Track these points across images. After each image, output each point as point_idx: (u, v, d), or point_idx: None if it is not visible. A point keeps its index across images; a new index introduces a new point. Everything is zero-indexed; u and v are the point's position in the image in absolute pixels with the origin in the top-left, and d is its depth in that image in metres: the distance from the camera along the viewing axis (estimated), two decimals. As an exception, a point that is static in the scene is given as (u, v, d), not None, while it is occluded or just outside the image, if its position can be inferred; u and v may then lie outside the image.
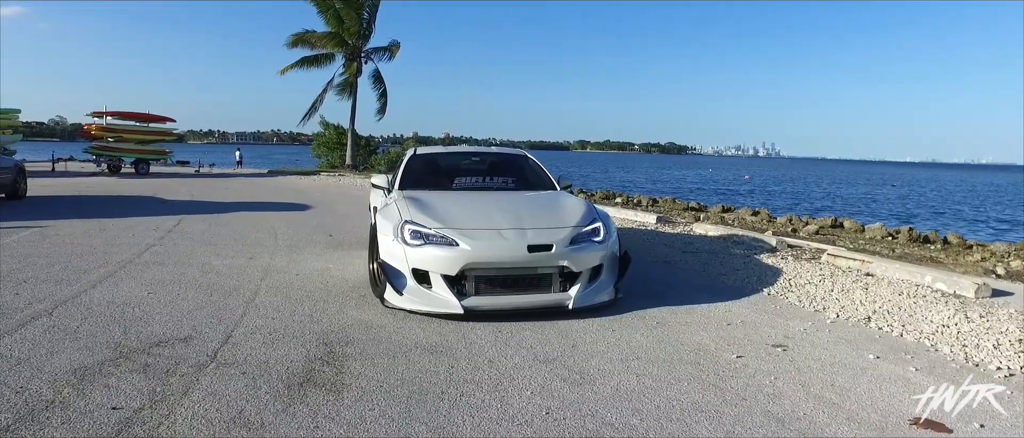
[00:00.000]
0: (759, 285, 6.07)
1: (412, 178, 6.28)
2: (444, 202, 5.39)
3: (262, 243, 7.91)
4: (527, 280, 4.73)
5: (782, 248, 8.35)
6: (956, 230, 19.34)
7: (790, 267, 6.95)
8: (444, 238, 4.67)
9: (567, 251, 4.71)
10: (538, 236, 4.74)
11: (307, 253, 7.30)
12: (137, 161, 23.40)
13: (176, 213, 10.84)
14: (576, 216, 5.16)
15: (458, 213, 5.09)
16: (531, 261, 4.62)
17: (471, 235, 4.68)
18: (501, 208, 5.27)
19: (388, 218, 5.07)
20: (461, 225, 4.82)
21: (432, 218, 4.89)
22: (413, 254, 4.65)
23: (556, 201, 5.75)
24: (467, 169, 6.69)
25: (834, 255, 7.41)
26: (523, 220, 4.95)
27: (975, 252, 13.15)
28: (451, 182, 6.26)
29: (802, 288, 5.94)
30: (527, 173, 6.70)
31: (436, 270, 4.59)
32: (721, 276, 6.50)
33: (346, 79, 29.76)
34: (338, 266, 6.56)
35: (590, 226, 5.06)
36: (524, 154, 7.06)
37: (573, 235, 4.86)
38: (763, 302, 5.43)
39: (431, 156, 6.90)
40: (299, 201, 14.28)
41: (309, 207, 13.01)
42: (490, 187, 6.28)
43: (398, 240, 4.75)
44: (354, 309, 4.84)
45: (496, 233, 4.74)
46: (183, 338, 3.98)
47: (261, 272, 6.13)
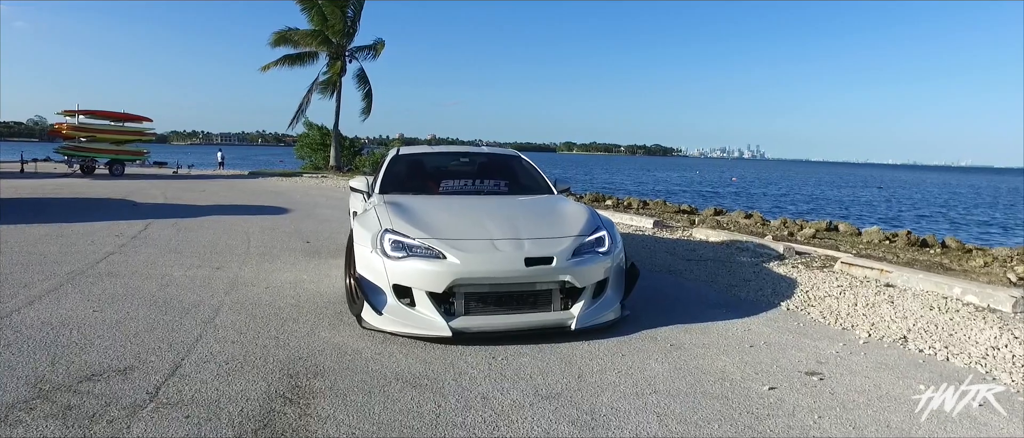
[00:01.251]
0: (775, 298, 5.55)
1: (394, 181, 5.70)
2: (430, 208, 4.83)
3: (233, 251, 7.28)
4: (524, 297, 4.17)
5: (790, 255, 7.86)
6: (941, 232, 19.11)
7: (804, 277, 6.45)
8: (429, 250, 4.11)
9: (569, 264, 4.16)
10: (536, 247, 4.18)
11: (280, 262, 6.70)
12: (111, 162, 22.53)
13: (145, 217, 10.16)
14: (578, 224, 4.61)
15: (446, 221, 4.52)
16: (529, 276, 4.06)
17: (460, 246, 4.11)
18: (494, 215, 4.71)
19: (366, 226, 4.49)
20: (449, 235, 4.25)
21: (416, 227, 4.32)
22: (394, 268, 4.08)
23: (555, 207, 5.20)
24: (455, 171, 6.12)
25: (848, 263, 6.92)
26: (519, 229, 4.40)
27: (976, 256, 12.80)
28: (438, 186, 5.69)
29: (822, 301, 5.44)
30: (521, 175, 6.14)
31: (420, 286, 4.02)
32: (732, 288, 5.98)
33: (330, 78, 29.05)
34: (313, 278, 5.96)
35: (594, 235, 4.52)
36: (517, 155, 6.50)
37: (576, 246, 4.31)
38: (784, 319, 4.92)
39: (416, 157, 6.32)
40: (278, 204, 13.62)
41: (288, 211, 12.37)
42: (481, 191, 5.72)
43: (377, 252, 4.18)
44: (327, 330, 4.25)
45: (489, 244, 4.18)
46: (122, 369, 3.38)
47: (227, 285, 5.52)
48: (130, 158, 23.64)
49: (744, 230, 13.14)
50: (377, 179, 5.71)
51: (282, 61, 28.49)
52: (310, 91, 29.53)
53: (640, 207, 19.15)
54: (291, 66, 28.78)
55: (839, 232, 16.10)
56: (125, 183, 18.95)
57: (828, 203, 34.44)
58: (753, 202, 31.99)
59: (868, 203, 35.26)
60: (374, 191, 5.53)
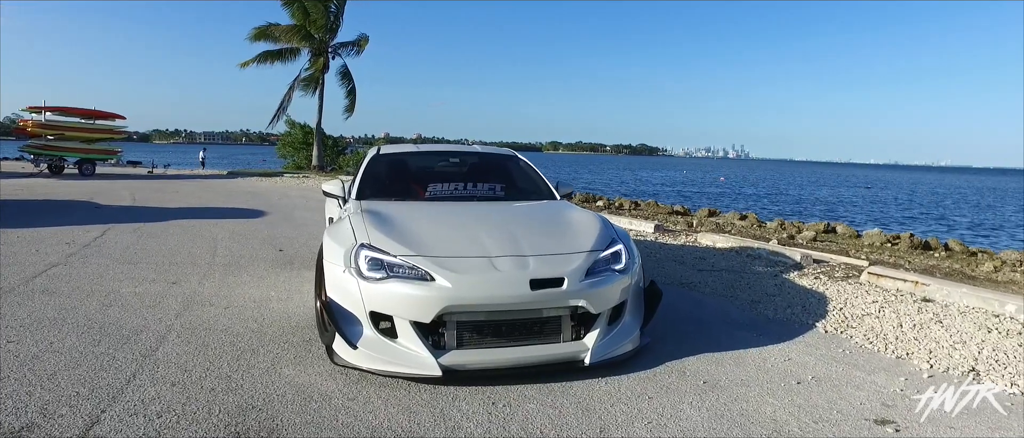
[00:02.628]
0: (808, 317, 4.90)
1: (374, 185, 4.97)
2: (415, 218, 4.12)
3: (195, 261, 6.52)
4: (528, 326, 3.47)
5: (808, 264, 7.23)
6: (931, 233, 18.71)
7: (831, 290, 5.81)
8: (414, 270, 3.40)
9: (583, 286, 3.47)
10: (544, 266, 3.48)
11: (247, 275, 5.95)
12: (81, 161, 21.47)
13: (105, 221, 9.34)
14: (590, 236, 3.92)
15: (434, 233, 3.82)
16: (535, 301, 3.36)
17: (452, 265, 3.41)
18: (490, 226, 4.01)
19: (338, 239, 3.77)
20: (438, 251, 3.54)
21: (398, 240, 3.61)
22: (371, 291, 3.37)
23: (561, 216, 4.50)
24: (444, 173, 5.40)
25: (876, 274, 6.30)
26: (521, 243, 3.69)
27: (983, 260, 12.35)
28: (424, 190, 4.97)
29: (862, 321, 4.79)
30: (518, 178, 5.43)
31: (403, 314, 3.32)
32: (756, 304, 5.32)
33: (312, 75, 28.13)
34: (283, 294, 5.22)
35: (609, 249, 3.83)
36: (513, 154, 5.77)
37: (589, 263, 3.62)
38: (825, 344, 4.26)
39: (398, 157, 5.58)
40: (254, 206, 12.81)
41: (264, 214, 11.57)
42: (473, 196, 4.99)
43: (351, 271, 3.46)
44: (291, 365, 3.53)
45: (486, 262, 3.47)
46: (15, 431, 2.64)
47: (181, 304, 4.77)
48: (101, 157, 22.59)
49: (745, 233, 12.60)
50: (354, 182, 4.99)
51: (262, 57, 27.53)
52: (292, 88, 28.60)
53: (632, 208, 18.54)
54: (272, 63, 27.82)
55: (837, 234, 15.62)
56: (94, 184, 17.99)
57: (818, 203, 34.09)
58: (743, 202, 31.54)
59: (858, 203, 34.96)
60: (350, 196, 4.80)
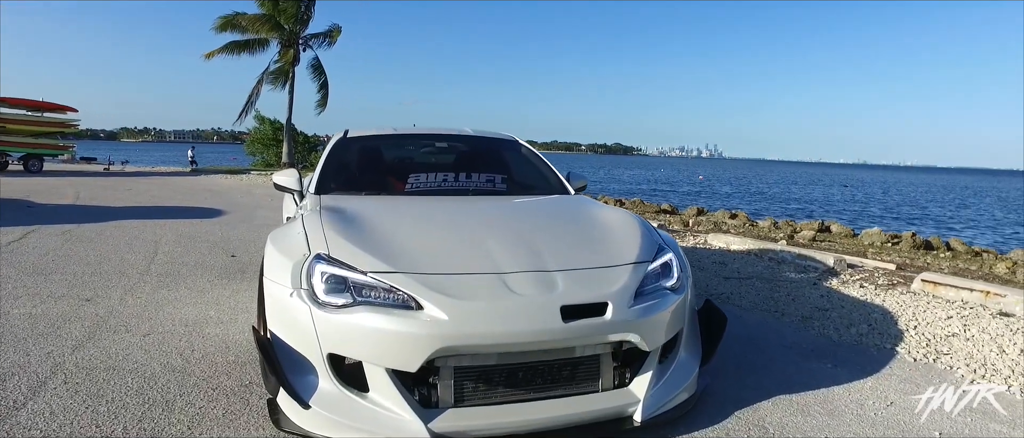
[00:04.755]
0: (882, 340, 3.96)
1: (339, 175, 3.89)
2: (394, 218, 3.06)
3: (125, 270, 5.38)
4: (555, 371, 2.45)
5: (842, 269, 6.34)
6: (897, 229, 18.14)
7: (888, 302, 4.90)
8: (394, 292, 2.35)
9: (633, 313, 2.45)
10: (578, 286, 2.46)
11: (185, 288, 4.84)
12: (27, 157, 19.91)
13: (33, 222, 8.09)
14: (631, 243, 2.90)
15: (421, 240, 2.76)
16: (568, 336, 2.34)
17: (448, 287, 2.36)
18: (498, 229, 2.97)
19: (285, 248, 2.69)
20: (428, 265, 2.49)
21: (370, 251, 2.54)
22: (331, 325, 2.31)
23: (586, 215, 3.46)
24: (429, 162, 4.35)
25: (932, 282, 5.41)
26: (542, 254, 2.65)
27: (993, 260, 11.75)
28: (404, 182, 3.87)
29: (949, 344, 3.87)
30: (522, 168, 4.38)
31: (378, 360, 2.27)
32: (810, 321, 4.37)
33: (282, 67, 26.76)
34: (224, 314, 4.14)
35: (658, 260, 2.82)
36: (514, 139, 4.70)
37: (637, 281, 2.60)
38: (924, 379, 3.31)
39: (371, 141, 4.46)
40: (212, 205, 11.62)
41: (221, 213, 10.41)
42: (467, 189, 3.91)
43: (301, 294, 2.40)
44: (218, 427, 2.47)
45: (496, 282, 2.43)
46: None
47: (86, 330, 3.66)
48: (51, 152, 21.02)
49: (744, 232, 11.84)
50: (314, 173, 3.90)
51: (228, 48, 26.07)
52: (260, 81, 27.18)
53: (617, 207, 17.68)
54: (239, 54, 26.38)
55: (832, 233, 14.99)
56: (37, 181, 16.52)
57: (799, 202, 33.64)
58: (721, 201, 30.84)
59: (839, 202, 34.61)
60: (308, 189, 3.73)
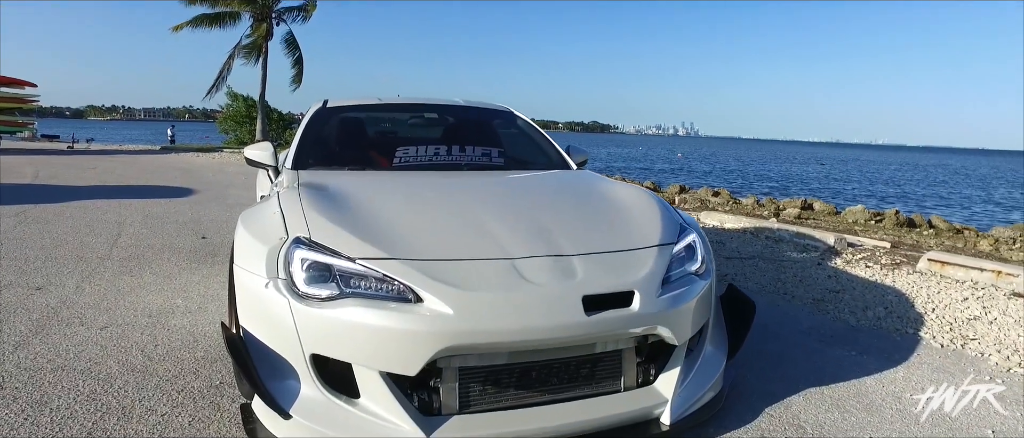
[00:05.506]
0: (902, 324, 3.74)
1: (319, 149, 3.52)
2: (383, 196, 2.70)
3: (83, 254, 4.95)
4: (573, 369, 2.15)
5: (843, 248, 6.14)
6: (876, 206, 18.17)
7: (899, 283, 4.70)
8: (387, 282, 2.02)
9: (661, 302, 2.15)
10: (600, 272, 2.15)
11: (151, 274, 4.44)
12: (-19, 134, 19.05)
13: (-14, 203, 7.57)
14: (652, 223, 2.58)
15: (416, 221, 2.41)
16: (591, 331, 2.03)
17: (452, 275, 2.03)
18: (502, 208, 2.64)
19: (259, 231, 2.34)
20: (427, 250, 2.16)
21: (359, 233, 2.20)
22: (314, 321, 1.97)
23: (597, 191, 3.12)
24: (417, 134, 3.99)
25: (938, 261, 5.22)
26: (554, 235, 2.33)
27: (974, 237, 11.79)
28: (390, 157, 3.48)
29: (972, 327, 3.66)
30: (519, 141, 4.03)
31: (371, 362, 1.95)
32: (822, 304, 4.13)
33: (254, 41, 25.85)
34: (193, 302, 3.77)
35: (682, 242, 2.52)
36: (508, 110, 4.34)
37: (664, 265, 2.30)
38: (957, 368, 3.08)
39: (353, 111, 4.05)
40: (182, 184, 11.08)
41: (192, 193, 9.90)
42: (460, 164, 3.55)
43: (278, 285, 2.06)
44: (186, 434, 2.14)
45: (507, 269, 2.10)
46: None
47: (33, 323, 3.27)
48: (7, 130, 20.09)
49: (730, 210, 11.70)
50: (291, 146, 3.52)
51: (197, 21, 25.07)
52: (231, 56, 26.22)
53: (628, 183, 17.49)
54: (209, 27, 25.40)
55: (814, 211, 14.93)
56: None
57: (776, 179, 33.77)
58: (698, 179, 30.77)
59: (816, 179, 34.83)
60: (284, 164, 3.35)
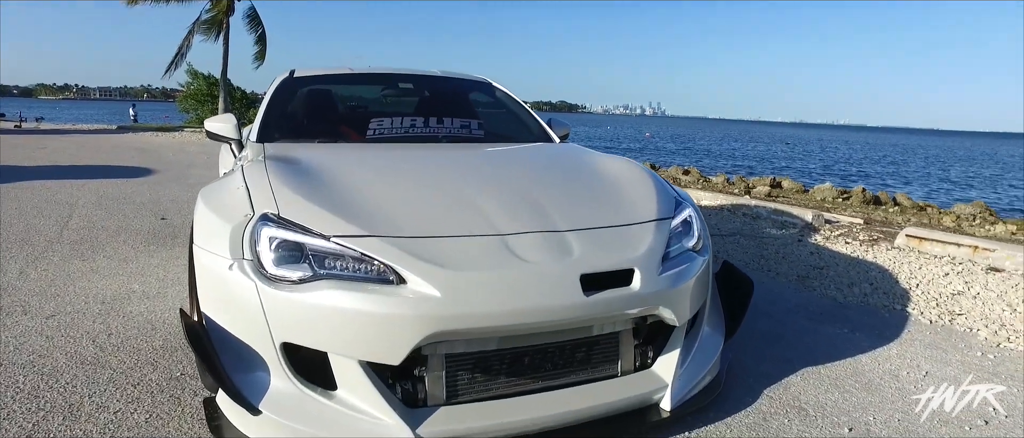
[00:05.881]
0: (888, 299, 3.69)
1: (284, 121, 3.28)
2: (357, 169, 2.49)
3: (29, 237, 4.63)
4: (568, 354, 2.00)
5: (821, 224, 6.12)
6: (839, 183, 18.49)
7: (881, 259, 4.67)
8: (366, 262, 1.82)
9: (663, 280, 2.01)
10: (597, 248, 1.99)
11: (104, 258, 4.16)
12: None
13: (-75, 184, 7.10)
14: (647, 197, 2.42)
15: (393, 195, 2.21)
16: (590, 312, 1.87)
17: (437, 254, 1.85)
18: (487, 181, 2.46)
19: (221, 207, 2.12)
20: (409, 226, 1.96)
21: (332, 209, 1.99)
22: (285, 306, 1.77)
23: (587, 164, 2.94)
24: (390, 105, 3.77)
25: (916, 237, 5.22)
26: (546, 209, 2.16)
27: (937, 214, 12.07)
28: (363, 129, 3.27)
29: (957, 302, 3.63)
30: (498, 114, 3.83)
31: (348, 350, 1.76)
32: (807, 281, 4.07)
33: (214, 16, 24.92)
34: (151, 289, 3.52)
35: (679, 216, 2.37)
36: (487, 81, 4.12)
37: (663, 241, 2.16)
38: (950, 344, 3.04)
39: (322, 81, 3.79)
40: (141, 164, 10.61)
41: (151, 172, 9.48)
42: (437, 136, 3.33)
43: (244, 266, 1.85)
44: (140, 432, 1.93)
45: (497, 245, 1.93)
46: None
47: (-24, 312, 3.00)
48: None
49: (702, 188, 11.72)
50: (256, 119, 3.28)
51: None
52: (191, 32, 25.21)
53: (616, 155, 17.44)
54: (166, 1, 24.44)
55: (783, 188, 15.11)
56: (-60, 139, 14.94)
57: (743, 158, 34.16)
58: (670, 157, 30.94)
59: (782, 158, 35.35)
60: (248, 138, 3.12)
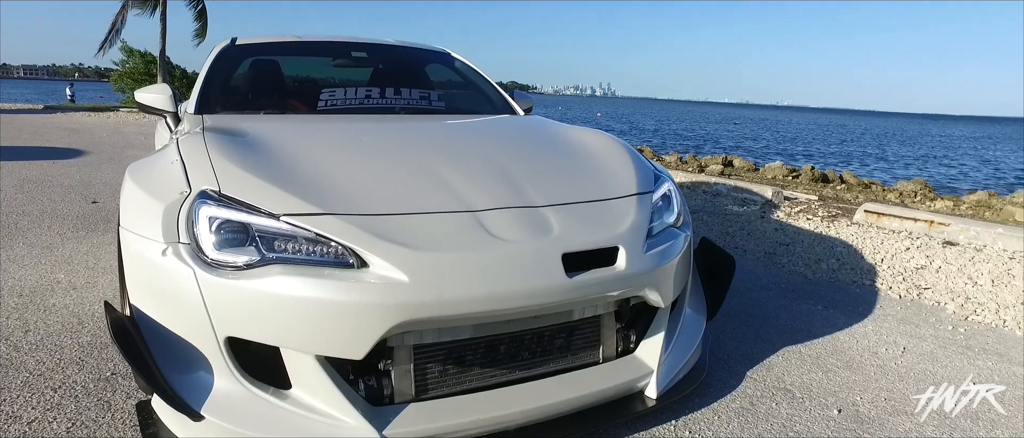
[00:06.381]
0: (856, 275, 3.66)
1: (226, 92, 2.98)
2: (308, 141, 2.23)
3: (-58, 224, 4.20)
4: (547, 340, 1.83)
5: (779, 201, 6.13)
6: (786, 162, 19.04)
7: (843, 234, 4.68)
8: (323, 244, 1.59)
9: (649, 260, 1.85)
10: (579, 225, 1.82)
11: (24, 245, 3.78)
12: None
13: None
14: (626, 169, 2.26)
15: (350, 169, 1.97)
16: (573, 295, 1.70)
17: (404, 233, 1.63)
18: (454, 153, 2.25)
19: (152, 184, 1.87)
20: (368, 202, 1.74)
21: (281, 183, 1.74)
22: (230, 296, 1.54)
23: (558, 136, 2.75)
24: (342, 76, 3.49)
25: (874, 212, 5.27)
26: (520, 183, 1.97)
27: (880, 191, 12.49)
28: (313, 101, 2.97)
29: (921, 276, 3.64)
30: (459, 86, 3.60)
31: (306, 345, 1.53)
32: (774, 257, 4.02)
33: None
34: (78, 278, 3.19)
35: (660, 190, 2.22)
36: (446, 52, 3.85)
37: (648, 216, 2.00)
38: (921, 319, 3.01)
39: (267, 49, 3.45)
40: (71, 144, 9.93)
41: (82, 154, 8.86)
42: (394, 108, 3.07)
43: (179, 250, 1.59)
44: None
45: (469, 223, 1.73)
46: None
47: None
48: None
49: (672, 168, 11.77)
50: (193, 91, 2.96)
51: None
52: (125, 6, 23.85)
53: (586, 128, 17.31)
54: (95, -26, 23.06)
55: (735, 167, 15.36)
56: None
57: (693, 138, 34.68)
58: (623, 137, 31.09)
59: (730, 138, 36.07)
60: (185, 109, 2.82)
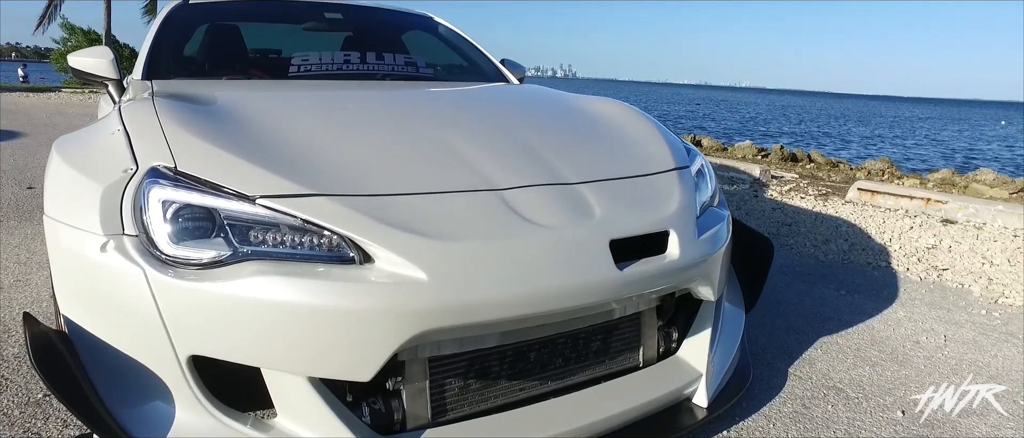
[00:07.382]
0: (871, 256, 3.46)
1: (179, 57, 2.56)
2: (284, 110, 1.84)
3: None
4: (581, 345, 1.51)
5: (768, 180, 5.96)
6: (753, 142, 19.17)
7: (844, 213, 4.50)
8: (312, 233, 1.22)
9: (702, 246, 1.54)
10: (623, 207, 1.49)
11: (-53, 236, 3.31)
12: None
13: None
14: (656, 141, 1.93)
15: (340, 141, 1.59)
16: (623, 291, 1.37)
17: (417, 218, 1.27)
18: (463, 122, 1.89)
19: (85, 161, 1.45)
20: (369, 180, 1.37)
21: (254, 157, 1.35)
22: (192, 302, 1.16)
23: (571, 105, 2.41)
24: (315, 39, 3.07)
25: (867, 190, 5.11)
26: (547, 157, 1.62)
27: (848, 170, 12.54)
28: (284, 67, 2.55)
29: (933, 257, 3.46)
30: (446, 52, 3.20)
31: (294, 365, 1.17)
32: (779, 238, 3.80)
33: (91, -37, 22.38)
34: (6, 277, 2.75)
35: (695, 165, 1.91)
36: (429, 16, 3.44)
37: (693, 193, 1.68)
38: (954, 304, 2.81)
39: (226, 8, 3.01)
40: (7, 127, 9.21)
41: (19, 135, 8.19)
42: (376, 74, 2.66)
43: (123, 244, 1.20)
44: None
45: (495, 204, 1.37)
46: None
47: None
48: None
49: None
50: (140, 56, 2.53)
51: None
52: (64, -19, 22.60)
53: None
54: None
55: (703, 147, 15.30)
56: None
57: (662, 117, 34.71)
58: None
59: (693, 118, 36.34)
60: (131, 75, 2.40)
